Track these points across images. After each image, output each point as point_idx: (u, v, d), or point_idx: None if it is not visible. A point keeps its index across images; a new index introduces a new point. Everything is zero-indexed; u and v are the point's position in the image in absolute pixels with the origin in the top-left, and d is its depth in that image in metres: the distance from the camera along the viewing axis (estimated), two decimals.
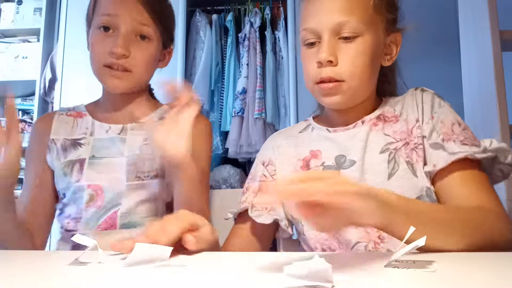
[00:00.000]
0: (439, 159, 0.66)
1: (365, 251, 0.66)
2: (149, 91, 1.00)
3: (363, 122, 0.75)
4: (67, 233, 0.86)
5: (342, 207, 0.44)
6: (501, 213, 0.62)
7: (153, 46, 0.88)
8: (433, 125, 0.70)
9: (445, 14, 2.12)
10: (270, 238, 0.79)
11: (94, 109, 0.96)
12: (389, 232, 0.51)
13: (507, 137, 1.41)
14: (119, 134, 0.91)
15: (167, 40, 0.94)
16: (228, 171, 2.36)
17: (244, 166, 2.45)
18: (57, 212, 0.91)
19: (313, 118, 0.84)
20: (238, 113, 2.31)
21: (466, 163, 0.65)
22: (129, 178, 0.87)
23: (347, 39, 0.69)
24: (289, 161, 0.79)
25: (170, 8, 0.95)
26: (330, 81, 0.70)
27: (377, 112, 0.76)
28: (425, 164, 0.69)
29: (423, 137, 0.70)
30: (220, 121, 2.40)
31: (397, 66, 0.82)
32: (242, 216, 0.78)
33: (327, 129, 0.78)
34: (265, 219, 0.74)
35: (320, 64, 0.70)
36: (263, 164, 0.82)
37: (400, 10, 0.77)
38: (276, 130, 2.34)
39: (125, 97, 0.91)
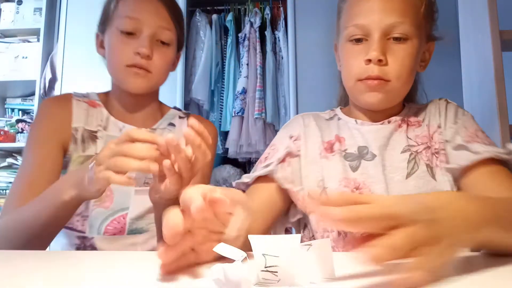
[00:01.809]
0: (464, 159, 0.67)
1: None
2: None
3: (389, 122, 0.77)
4: (72, 232, 0.83)
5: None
6: None
7: (171, 51, 0.89)
8: (456, 129, 0.71)
9: (445, 14, 2.12)
10: (286, 205, 0.77)
11: (106, 101, 0.93)
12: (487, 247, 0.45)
13: (507, 137, 1.41)
14: None
15: (180, 45, 0.95)
16: (228, 171, 2.36)
17: (244, 166, 2.46)
18: None
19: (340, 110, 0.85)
20: (238, 113, 2.31)
21: (491, 162, 0.65)
22: (138, 183, 0.87)
23: (397, 40, 0.70)
24: (315, 141, 0.79)
25: (182, 13, 0.95)
26: (376, 79, 0.71)
27: (401, 115, 0.78)
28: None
29: (445, 141, 0.72)
30: (220, 121, 2.41)
31: (419, 73, 0.84)
32: (256, 182, 0.76)
33: (355, 121, 0.79)
34: (291, 186, 0.73)
35: (369, 62, 0.70)
36: (291, 138, 0.80)
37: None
38: (276, 130, 2.35)
39: (141, 99, 0.91)
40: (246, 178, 0.77)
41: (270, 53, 2.39)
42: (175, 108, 1.01)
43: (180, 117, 0.98)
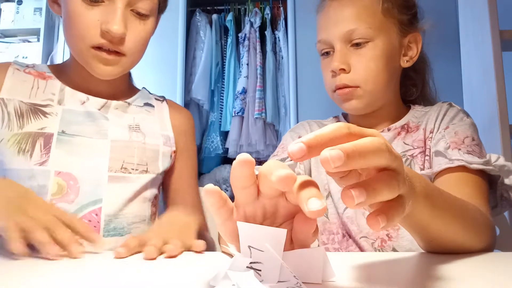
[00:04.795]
0: (437, 165, 0.66)
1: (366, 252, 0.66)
2: None
3: (389, 130, 0.76)
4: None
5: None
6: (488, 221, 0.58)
7: (150, 24, 0.71)
8: (443, 134, 0.70)
9: (445, 14, 2.12)
10: None
11: (61, 72, 0.77)
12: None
13: (507, 137, 1.41)
14: (99, 109, 0.73)
15: (161, 8, 0.75)
16: (228, 171, 2.36)
17: None
18: None
19: (344, 117, 0.85)
20: (238, 113, 2.31)
21: (464, 170, 0.63)
22: (112, 167, 0.69)
23: (358, 45, 0.71)
24: None
25: None
26: (345, 88, 0.72)
27: (402, 121, 0.77)
28: None
29: (433, 146, 0.70)
30: (220, 121, 2.41)
31: (427, 68, 0.82)
32: None
33: None
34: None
35: (334, 73, 0.72)
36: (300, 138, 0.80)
37: (418, 9, 0.78)
38: (276, 130, 2.35)
39: None
40: (256, 170, 0.76)
41: (270, 53, 2.39)
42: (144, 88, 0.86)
43: (156, 99, 0.84)
